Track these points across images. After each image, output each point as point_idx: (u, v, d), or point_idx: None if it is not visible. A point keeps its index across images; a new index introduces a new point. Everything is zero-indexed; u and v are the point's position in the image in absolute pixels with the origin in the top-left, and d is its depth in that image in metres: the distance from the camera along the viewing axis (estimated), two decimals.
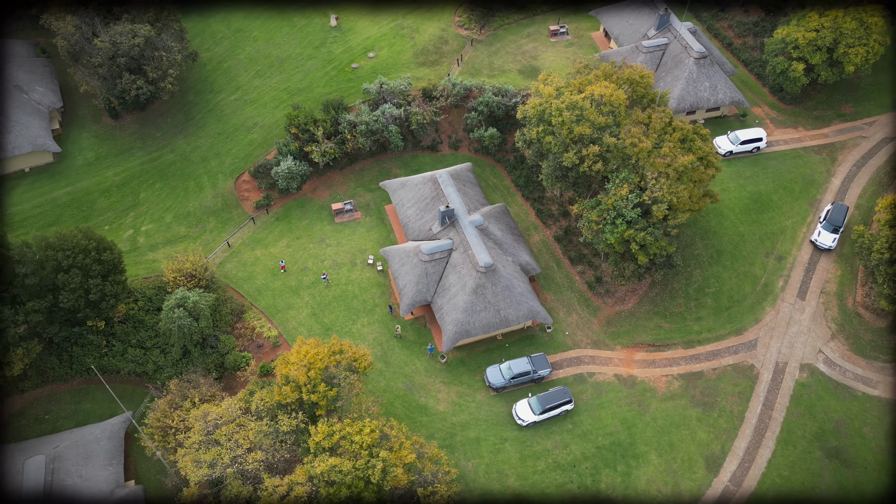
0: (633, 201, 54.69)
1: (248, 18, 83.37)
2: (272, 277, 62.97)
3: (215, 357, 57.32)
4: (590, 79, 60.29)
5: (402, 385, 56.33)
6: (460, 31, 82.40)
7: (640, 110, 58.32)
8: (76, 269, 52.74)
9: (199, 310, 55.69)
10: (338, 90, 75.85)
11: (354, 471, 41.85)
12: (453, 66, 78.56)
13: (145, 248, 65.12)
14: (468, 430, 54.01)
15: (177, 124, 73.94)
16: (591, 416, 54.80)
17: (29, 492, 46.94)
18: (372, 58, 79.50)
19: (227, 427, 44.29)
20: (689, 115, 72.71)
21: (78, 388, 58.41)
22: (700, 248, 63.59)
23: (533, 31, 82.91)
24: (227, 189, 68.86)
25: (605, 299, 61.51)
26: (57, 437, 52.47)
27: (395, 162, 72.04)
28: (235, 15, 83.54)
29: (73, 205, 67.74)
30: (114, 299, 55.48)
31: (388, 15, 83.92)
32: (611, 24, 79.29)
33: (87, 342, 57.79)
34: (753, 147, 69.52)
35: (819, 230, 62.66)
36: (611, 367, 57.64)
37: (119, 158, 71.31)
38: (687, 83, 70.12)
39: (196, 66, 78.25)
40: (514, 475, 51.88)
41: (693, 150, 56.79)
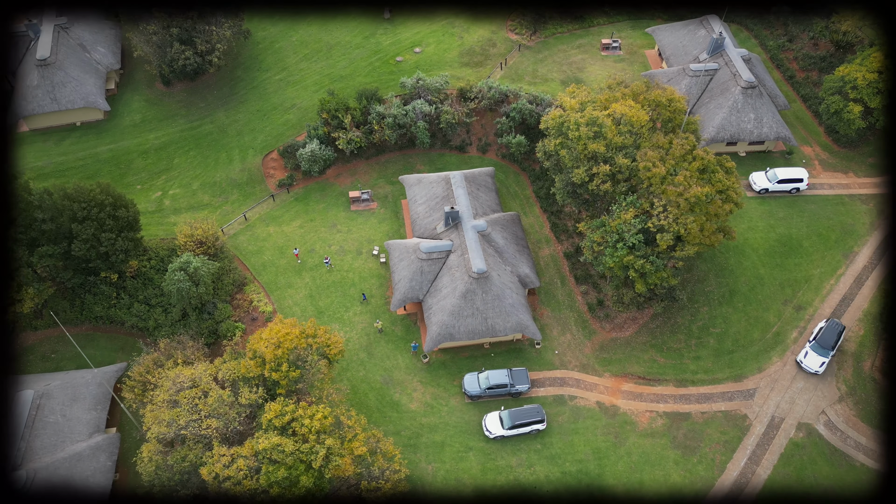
0: (636, 226, 52.73)
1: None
2: (279, 255, 64.53)
3: (210, 323, 59.33)
4: (616, 96, 58.49)
5: (380, 378, 56.57)
6: (510, 35, 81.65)
7: (661, 134, 56.09)
8: (90, 220, 55.76)
9: (199, 276, 57.73)
10: (378, 81, 76.73)
11: (297, 453, 42.40)
12: (496, 70, 77.97)
13: (169, 210, 68.07)
14: (435, 433, 53.68)
15: (221, 97, 76.81)
16: (562, 440, 53.32)
17: (12, 423, 50.11)
18: (417, 53, 79.94)
19: (191, 391, 45.77)
20: (730, 147, 69.36)
21: (85, 334, 61.81)
22: (713, 284, 60.61)
23: (585, 42, 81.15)
24: (255, 165, 71.00)
25: (603, 323, 59.64)
26: (52, 376, 55.70)
27: (421, 158, 72.25)
28: None
29: (113, 161, 71.61)
30: (124, 254, 58.26)
31: (442, 13, 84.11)
32: (665, 42, 76.57)
33: (98, 292, 60.97)
34: (792, 187, 65.55)
35: (806, 350, 55.22)
36: (595, 393, 55.88)
37: (162, 123, 74.81)
38: (730, 112, 66.86)
39: (249, 43, 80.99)
40: (471, 485, 51.20)
41: (712, 181, 54.14)
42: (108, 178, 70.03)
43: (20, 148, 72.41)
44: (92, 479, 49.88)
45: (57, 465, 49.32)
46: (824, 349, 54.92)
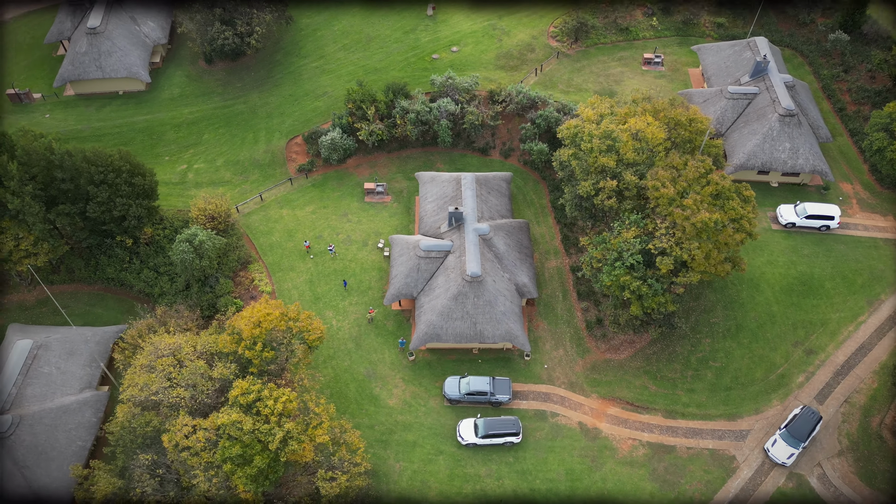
0: (636, 246, 50.86)
1: None
2: (287, 237, 65.37)
3: (210, 297, 60.61)
4: (636, 110, 56.60)
5: (364, 370, 56.51)
6: (551, 42, 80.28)
7: (677, 154, 53.91)
8: (106, 185, 57.85)
9: (203, 249, 59.06)
10: (411, 77, 76.77)
11: (256, 432, 42.72)
12: (530, 76, 76.81)
13: (191, 183, 69.99)
14: (409, 431, 53.22)
15: (258, 79, 78.48)
16: (536, 456, 51.95)
17: (7, 370, 52.50)
18: (454, 52, 79.58)
19: (168, 359, 46.82)
20: (762, 175, 66.09)
21: (96, 293, 64.26)
22: (719, 316, 57.86)
23: (627, 56, 78.99)
24: (279, 147, 72.18)
25: (599, 343, 57.82)
26: (55, 329, 58.05)
27: (443, 157, 71.88)
28: None
29: (147, 132, 74.19)
30: (137, 220, 60.20)
31: (486, 13, 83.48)
32: (708, 62, 73.69)
33: (113, 254, 63.21)
34: (822, 225, 61.90)
35: (776, 438, 50.60)
36: (578, 413, 54.22)
37: (199, 99, 77.01)
38: (764, 139, 63.70)
39: (292, 29, 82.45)
40: (436, 490, 50.50)
41: (725, 208, 51.66)
42: (139, 147, 72.65)
43: (63, 111, 75.95)
44: (75, 433, 51.75)
45: (43, 414, 51.36)
46: (796, 439, 50.08)
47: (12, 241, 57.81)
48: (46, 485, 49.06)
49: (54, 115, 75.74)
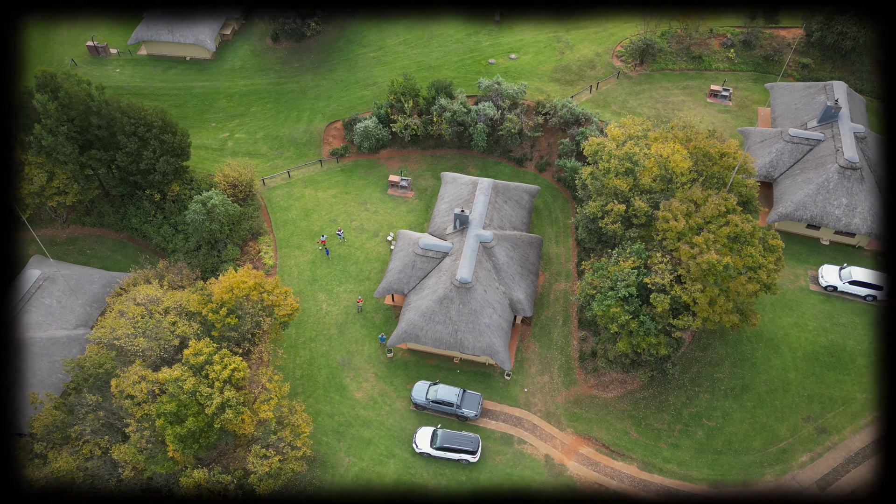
0: (631, 278, 46.97)
1: None
2: (303, 216, 65.63)
3: (215, 260, 61.76)
4: (666, 136, 52.58)
5: (339, 358, 55.47)
6: (614, 61, 76.69)
7: (700, 188, 49.46)
8: (136, 137, 60.19)
9: (215, 213, 60.25)
10: (463, 78, 75.55)
11: (195, 394, 42.55)
12: (584, 92, 73.63)
13: (229, 151, 71.87)
14: (367, 428, 51.60)
15: (315, 62, 79.80)
16: (490, 481, 48.89)
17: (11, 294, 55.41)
18: (512, 59, 77.67)
19: (138, 308, 47.71)
20: (811, 230, 59.76)
21: (120, 241, 67.11)
22: (725, 373, 52.50)
23: (693, 85, 74.17)
24: (318, 129, 72.86)
25: (588, 377, 53.93)
26: (68, 266, 60.88)
27: (476, 161, 70.07)
28: None
29: (201, 97, 77.04)
30: (162, 176, 62.25)
31: (554, 25, 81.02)
32: (778, 101, 67.81)
33: (140, 206, 65.77)
34: (868, 294, 55.06)
35: None
36: (548, 445, 50.66)
37: (256, 74, 79.23)
38: (818, 191, 57.60)
39: (359, 15, 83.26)
40: (379, 493, 48.51)
41: (742, 254, 46.81)
42: (191, 111, 75.54)
43: (133, 68, 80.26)
44: (58, 365, 53.67)
45: (33, 342, 53.69)
46: None
47: (45, 177, 61.21)
48: (20, 408, 51.12)
49: (124, 70, 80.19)
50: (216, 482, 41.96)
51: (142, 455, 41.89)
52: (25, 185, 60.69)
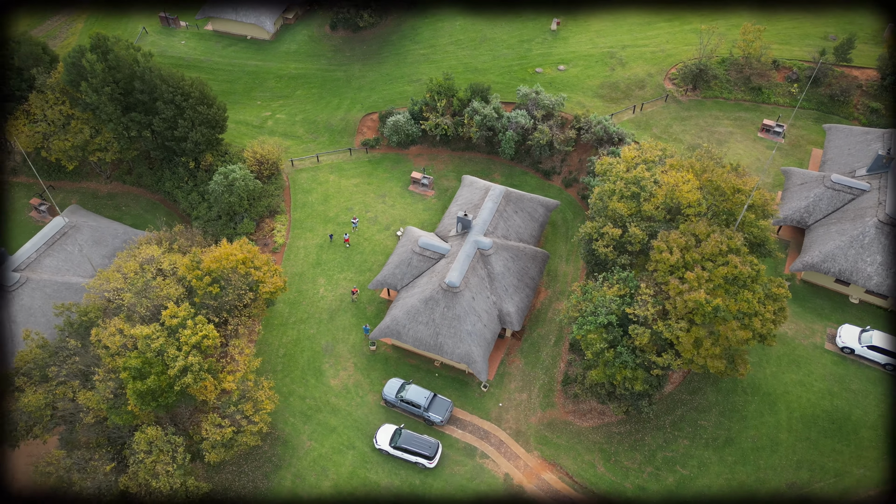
0: (614, 305, 44.90)
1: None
2: (322, 200, 66.71)
3: (230, 232, 63.77)
4: (681, 163, 49.91)
5: (324, 343, 56.00)
6: (666, 84, 73.65)
7: (706, 223, 46.62)
8: (173, 104, 62.95)
9: (235, 186, 62.22)
10: (506, 84, 74.64)
11: (162, 354, 44.02)
12: (627, 111, 71.10)
13: (267, 130, 74.04)
14: (334, 416, 51.82)
15: (366, 53, 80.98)
16: (443, 489, 48.00)
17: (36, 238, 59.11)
18: (560, 70, 76.02)
19: (133, 264, 49.89)
20: (839, 284, 55.26)
21: (153, 202, 70.46)
22: (711, 421, 49.31)
23: (746, 117, 70.16)
24: (355, 119, 73.88)
25: (567, 402, 52.02)
26: (98, 218, 64.35)
27: (503, 168, 69.08)
28: None
29: (252, 76, 79.76)
30: (194, 145, 64.82)
31: (611, 39, 78.71)
32: (832, 144, 63.13)
33: (175, 171, 68.79)
34: (888, 363, 50.32)
35: None
36: (511, 464, 49.23)
37: (308, 59, 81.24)
38: (850, 244, 53.16)
39: (415, 14, 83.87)
40: (332, 481, 48.65)
41: (738, 298, 43.84)
42: (240, 87, 78.36)
43: (197, 41, 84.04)
44: None
45: (47, 283, 57.12)
46: None
47: (89, 132, 65.01)
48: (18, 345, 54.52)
49: (189, 42, 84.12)
50: (166, 441, 43.24)
51: (104, 404, 43.75)
52: (70, 138, 64.65)
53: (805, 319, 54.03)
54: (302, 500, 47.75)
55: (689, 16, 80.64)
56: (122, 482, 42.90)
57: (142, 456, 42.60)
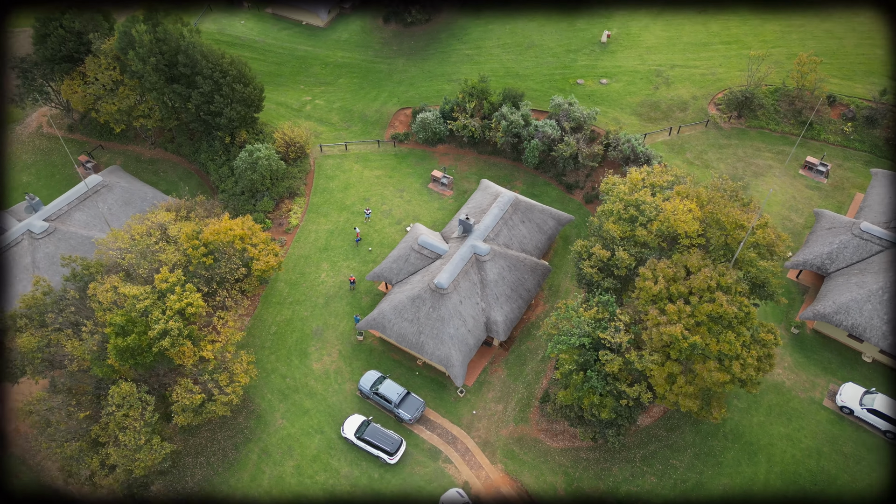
0: (586, 328, 43.73)
1: (543, 1, 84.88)
2: (342, 188, 67.92)
3: (249, 208, 65.91)
4: (687, 192, 47.91)
5: (315, 327, 57.09)
6: (710, 108, 70.76)
7: (700, 256, 44.62)
8: (211, 80, 65.53)
9: (259, 165, 64.26)
10: (545, 92, 73.70)
11: (146, 316, 46.06)
12: (662, 132, 68.81)
13: (304, 114, 75.95)
14: (310, 399, 52.81)
15: (412, 49, 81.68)
16: (399, 486, 48.14)
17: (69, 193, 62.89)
18: (602, 84, 74.33)
19: (141, 227, 52.40)
20: (852, 339, 51.71)
21: (188, 171, 73.60)
22: (684, 462, 47.24)
23: (789, 151, 66.53)
24: (389, 112, 74.72)
25: (541, 420, 51.07)
26: (133, 181, 67.70)
27: (526, 177, 68.30)
28: None
29: (300, 61, 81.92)
30: (227, 120, 67.26)
31: (661, 56, 76.28)
32: (876, 189, 59.06)
33: (212, 144, 71.62)
34: (889, 431, 46.74)
35: None
36: (473, 472, 48.84)
37: (356, 49, 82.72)
38: (868, 297, 49.63)
39: (467, 14, 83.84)
40: (295, 462, 49.64)
41: (720, 339, 41.82)
42: (287, 70, 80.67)
43: (255, 22, 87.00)
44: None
45: (71, 235, 60.62)
46: None
47: (134, 99, 68.56)
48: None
49: (248, 23, 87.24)
50: (138, 399, 45.26)
51: (89, 355, 46.22)
52: (117, 102, 68.37)
53: (808, 371, 50.89)
54: (264, 480, 48.97)
55: (749, 39, 77.15)
56: (94, 430, 45.21)
57: (113, 409, 44.75)
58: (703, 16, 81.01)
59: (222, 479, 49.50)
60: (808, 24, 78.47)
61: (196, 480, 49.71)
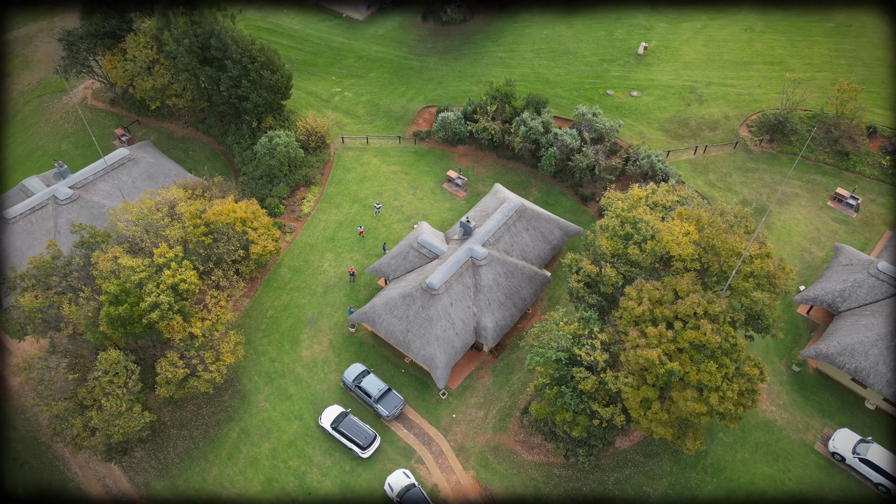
0: (565, 343, 42.87)
1: (586, 4, 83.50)
2: (358, 180, 68.49)
3: (266, 192, 67.23)
4: (690, 214, 46.30)
5: (310, 314, 57.79)
6: (742, 130, 68.28)
7: (691, 280, 43.09)
8: (239, 65, 67.06)
9: (277, 152, 65.46)
10: (573, 100, 72.55)
11: (141, 286, 47.54)
12: (687, 150, 66.79)
13: (331, 105, 76.90)
14: (295, 384, 53.51)
15: (446, 47, 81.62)
16: (369, 483, 48.29)
17: (96, 164, 65.39)
18: (633, 96, 72.64)
19: (151, 202, 54.09)
20: (855, 384, 49.06)
21: (215, 152, 75.57)
22: (658, 491, 45.74)
23: (820, 181, 63.60)
24: (414, 109, 74.92)
25: (519, 431, 50.35)
26: (160, 157, 69.85)
27: (542, 185, 67.41)
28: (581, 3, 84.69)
29: (334, 52, 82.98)
30: (253, 105, 68.72)
31: (698, 73, 74.01)
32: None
33: (240, 127, 73.35)
34: (880, 484, 44.16)
35: None
36: (444, 476, 48.58)
37: (391, 44, 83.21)
38: (876, 342, 46.98)
39: (506, 17, 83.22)
40: (272, 445, 50.42)
41: (701, 368, 40.37)
42: (322, 60, 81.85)
43: (298, 13, 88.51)
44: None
45: (93, 204, 63.02)
46: None
47: (168, 77, 70.80)
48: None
49: (290, 12, 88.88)
50: (124, 367, 46.76)
51: (84, 320, 48.02)
52: (152, 80, 70.73)
53: (804, 412, 48.57)
54: (240, 458, 49.90)
55: (794, 62, 74.07)
56: (80, 393, 46.94)
57: (99, 374, 46.39)
58: (748, 34, 78.19)
59: (202, 453, 50.69)
60: (860, 49, 74.78)
61: (177, 452, 51.07)
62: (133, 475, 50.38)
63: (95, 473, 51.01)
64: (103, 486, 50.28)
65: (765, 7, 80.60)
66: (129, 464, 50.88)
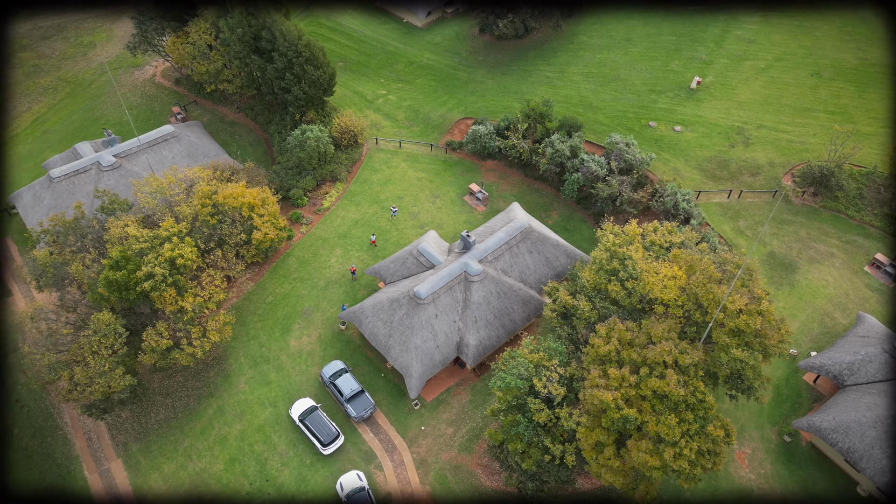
0: (525, 372, 41.73)
1: (647, 33, 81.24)
2: (383, 182, 69.31)
3: (293, 182, 69.14)
4: (685, 258, 44.09)
5: (306, 306, 58.85)
6: (785, 179, 64.44)
7: (669, 325, 40.97)
8: (284, 57, 69.39)
9: (307, 145, 67.26)
10: (611, 128, 70.68)
11: (142, 255, 49.92)
12: (720, 193, 63.66)
13: (373, 107, 78.20)
14: (276, 372, 54.58)
15: (497, 62, 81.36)
16: (325, 482, 48.59)
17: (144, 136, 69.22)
18: (675, 131, 70.00)
19: (168, 179, 56.74)
20: (850, 467, 45.10)
21: (259, 138, 78.39)
22: None
23: (863, 244, 59.12)
24: (452, 119, 75.11)
25: (484, 455, 49.27)
26: (201, 136, 73.20)
27: (564, 209, 66.04)
28: (644, 23, 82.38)
29: (387, 55, 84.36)
30: (294, 98, 70.89)
31: (750, 113, 70.48)
32: None
33: (283, 118, 75.90)
34: None
35: None
36: (399, 486, 48.26)
37: (444, 53, 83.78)
38: (874, 423, 42.97)
39: (564, 37, 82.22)
40: (241, 428, 51.61)
41: (659, 421, 38.37)
42: (374, 62, 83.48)
43: (361, 14, 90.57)
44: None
45: (133, 174, 66.41)
46: None
47: (222, 63, 74.12)
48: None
49: (354, 13, 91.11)
50: (112, 329, 49.16)
51: (87, 280, 50.91)
52: (206, 65, 74.26)
53: (784, 485, 45.15)
54: (211, 435, 51.36)
55: (858, 114, 69.29)
56: (72, 349, 49.73)
57: (89, 333, 49.00)
58: (815, 79, 73.78)
59: (179, 423, 52.53)
60: None
61: (158, 419, 53.13)
62: (115, 434, 52.74)
63: (83, 426, 53.70)
64: (87, 440, 52.87)
65: (837, 55, 75.89)
66: (114, 422, 53.32)
